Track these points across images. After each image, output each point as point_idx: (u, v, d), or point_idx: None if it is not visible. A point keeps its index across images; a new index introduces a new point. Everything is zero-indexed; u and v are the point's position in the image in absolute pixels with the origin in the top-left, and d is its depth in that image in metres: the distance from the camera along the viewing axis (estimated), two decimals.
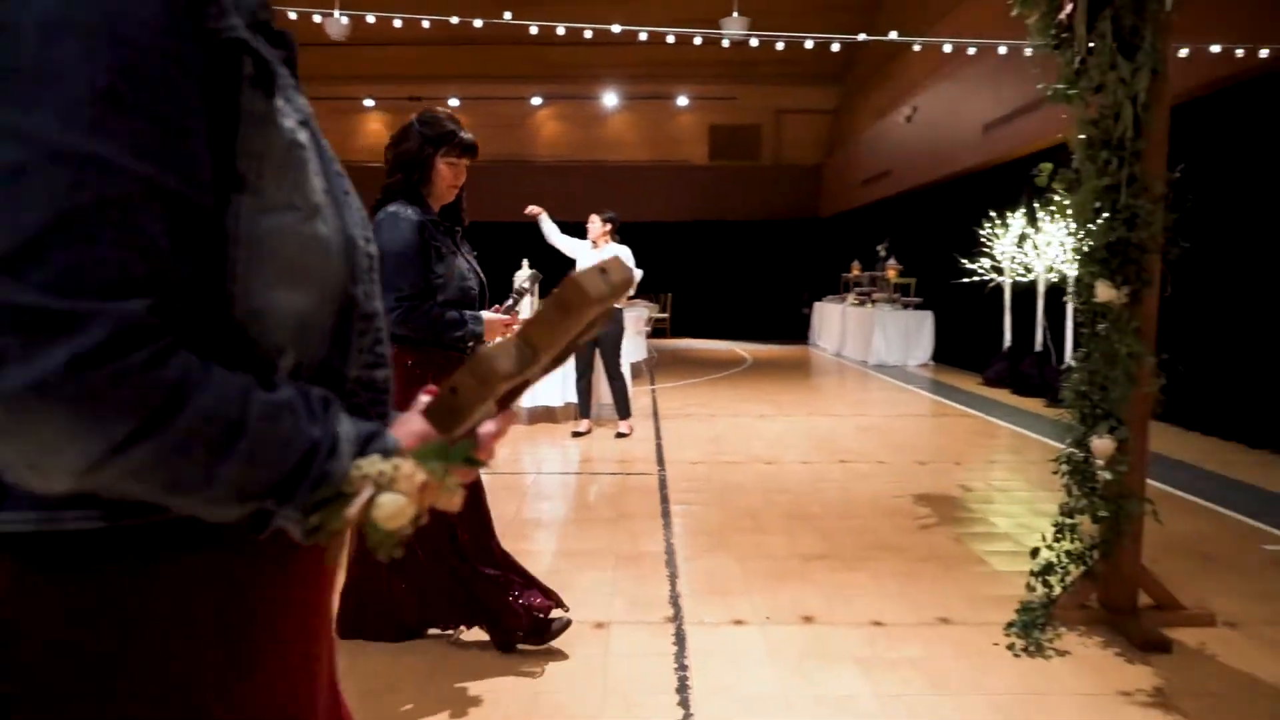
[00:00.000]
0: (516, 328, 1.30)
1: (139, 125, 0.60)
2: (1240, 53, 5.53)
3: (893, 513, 4.48)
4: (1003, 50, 5.98)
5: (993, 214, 9.86)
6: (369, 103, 17.46)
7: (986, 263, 9.77)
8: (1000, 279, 9.72)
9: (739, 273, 18.48)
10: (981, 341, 10.80)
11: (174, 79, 0.63)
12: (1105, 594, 3.05)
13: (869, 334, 12.03)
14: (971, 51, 6.06)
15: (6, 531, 0.64)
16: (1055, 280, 8.81)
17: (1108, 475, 2.94)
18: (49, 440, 0.56)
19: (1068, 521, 3.07)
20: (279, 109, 0.72)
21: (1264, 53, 5.61)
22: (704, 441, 6.37)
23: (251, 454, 0.63)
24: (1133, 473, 2.96)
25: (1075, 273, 3.02)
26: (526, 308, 2.84)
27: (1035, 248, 9.03)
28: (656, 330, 17.53)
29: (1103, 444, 2.95)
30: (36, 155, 0.56)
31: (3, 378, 0.54)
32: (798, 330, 16.52)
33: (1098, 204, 2.88)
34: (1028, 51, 5.79)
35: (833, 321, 14.09)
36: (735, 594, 3.34)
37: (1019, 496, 4.93)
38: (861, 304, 12.85)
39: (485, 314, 2.60)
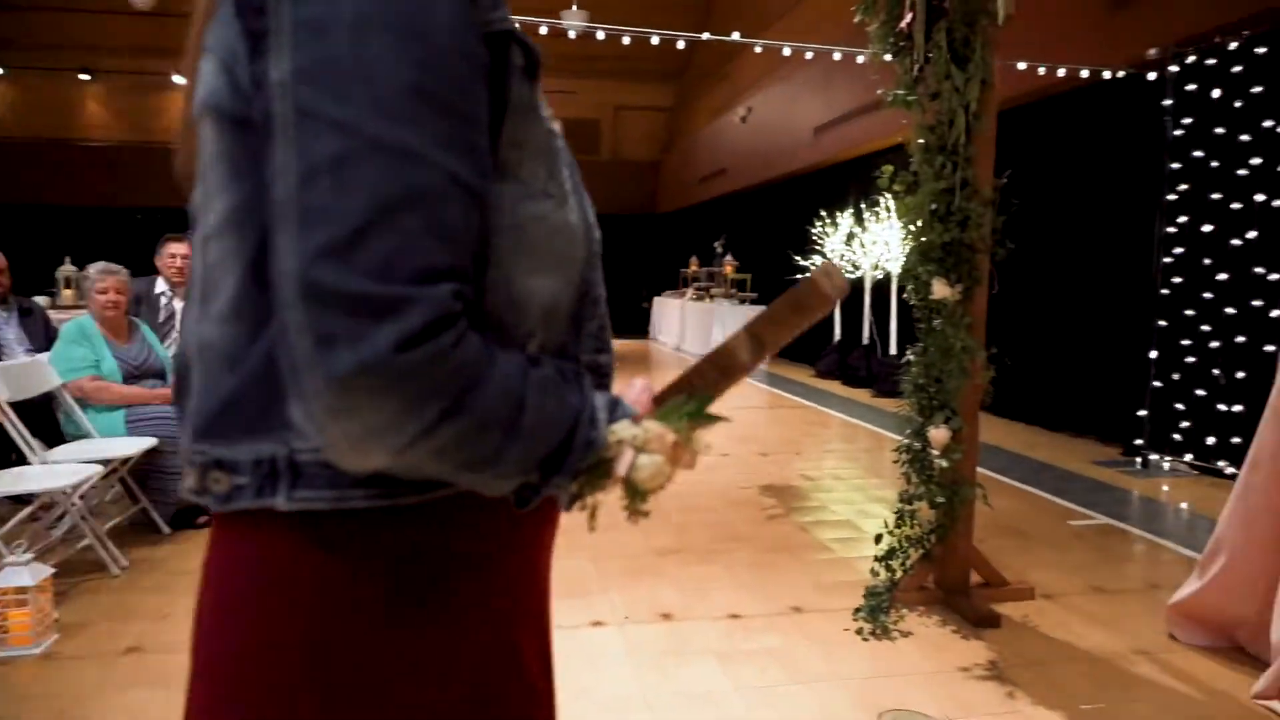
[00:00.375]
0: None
1: (441, 118, 0.61)
2: (1062, 72, 6.03)
3: (741, 504, 4.58)
4: (837, 56, 6.25)
5: (823, 213, 10.34)
6: None
7: (818, 260, 10.23)
8: None
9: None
10: (813, 335, 11.32)
11: (467, 72, 0.65)
12: (941, 575, 3.23)
13: (708, 328, 12.33)
14: (809, 56, 6.29)
15: (302, 510, 0.66)
16: (880, 277, 9.36)
17: (944, 463, 3.10)
18: (373, 420, 0.58)
19: (907, 508, 3.23)
20: (540, 98, 0.75)
21: (1085, 73, 6.16)
22: None
23: (533, 429, 0.66)
24: (966, 460, 3.15)
25: (901, 270, 3.17)
26: None
27: (862, 246, 9.54)
28: None
29: (939, 434, 3.11)
30: (356, 146, 0.58)
31: (334, 360, 0.56)
32: (638, 325, 16.72)
33: (934, 206, 3.03)
34: (859, 58, 6.08)
35: (672, 316, 14.34)
36: (593, 594, 3.29)
37: (855, 484, 5.17)
38: (700, 299, 13.15)
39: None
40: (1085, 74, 6.05)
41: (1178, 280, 5.40)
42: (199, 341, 0.70)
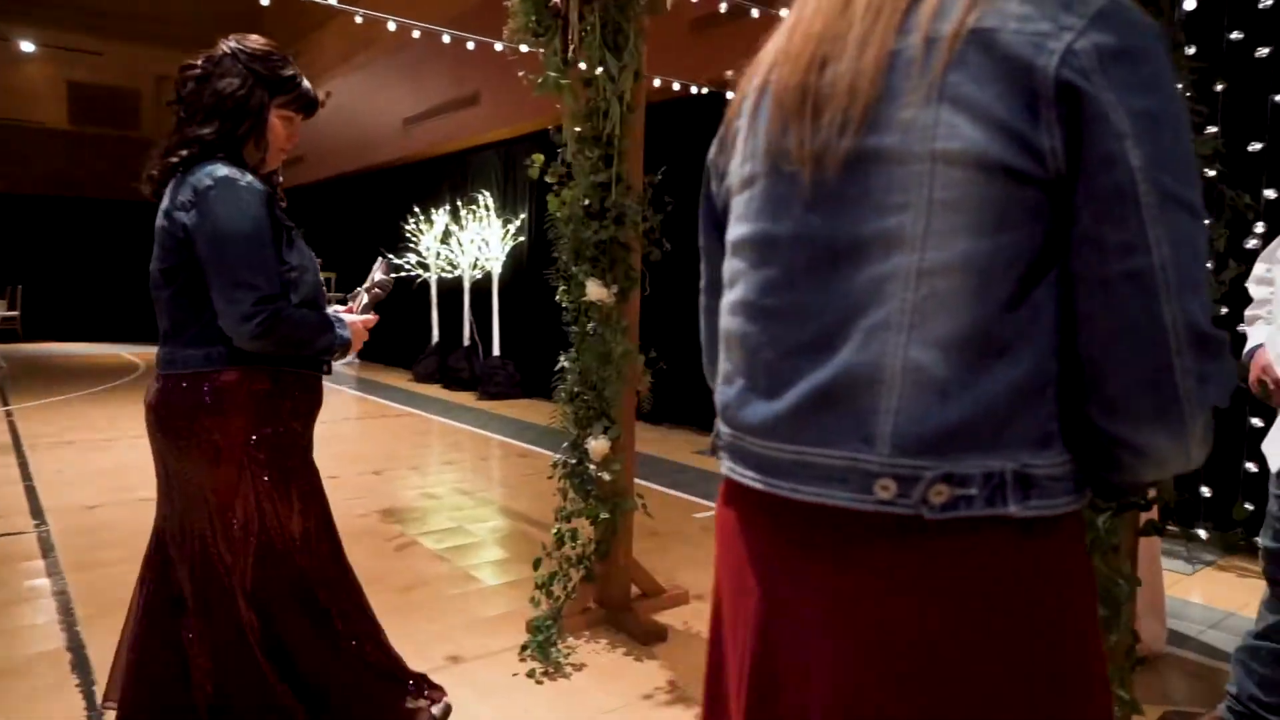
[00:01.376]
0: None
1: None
2: (676, 86, 6.27)
3: (362, 534, 4.00)
4: (446, 39, 5.84)
5: (416, 209, 9.85)
6: None
7: (413, 258, 9.71)
8: (426, 275, 9.76)
9: (112, 260, 15.51)
10: (406, 337, 10.76)
11: None
12: (602, 594, 3.05)
13: None
14: (416, 34, 5.79)
15: (1033, 516, 0.75)
16: (479, 277, 9.15)
17: (605, 475, 2.92)
18: (1202, 439, 0.74)
19: (566, 527, 2.99)
20: None
21: (703, 90, 6.45)
22: (99, 476, 5.00)
23: None
24: (624, 470, 3.00)
25: (555, 270, 2.95)
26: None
27: (459, 244, 9.25)
28: (4, 333, 13.89)
29: (599, 445, 2.92)
30: (1198, 224, 0.72)
31: (1208, 395, 0.72)
32: None
33: (587, 201, 2.83)
34: (470, 44, 5.74)
35: None
36: None
37: (484, 498, 4.86)
38: None
39: (345, 315, 2.02)
40: (703, 91, 6.39)
41: None
42: (902, 363, 0.74)
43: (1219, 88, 3.41)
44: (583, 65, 2.75)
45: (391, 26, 5.61)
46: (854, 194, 0.76)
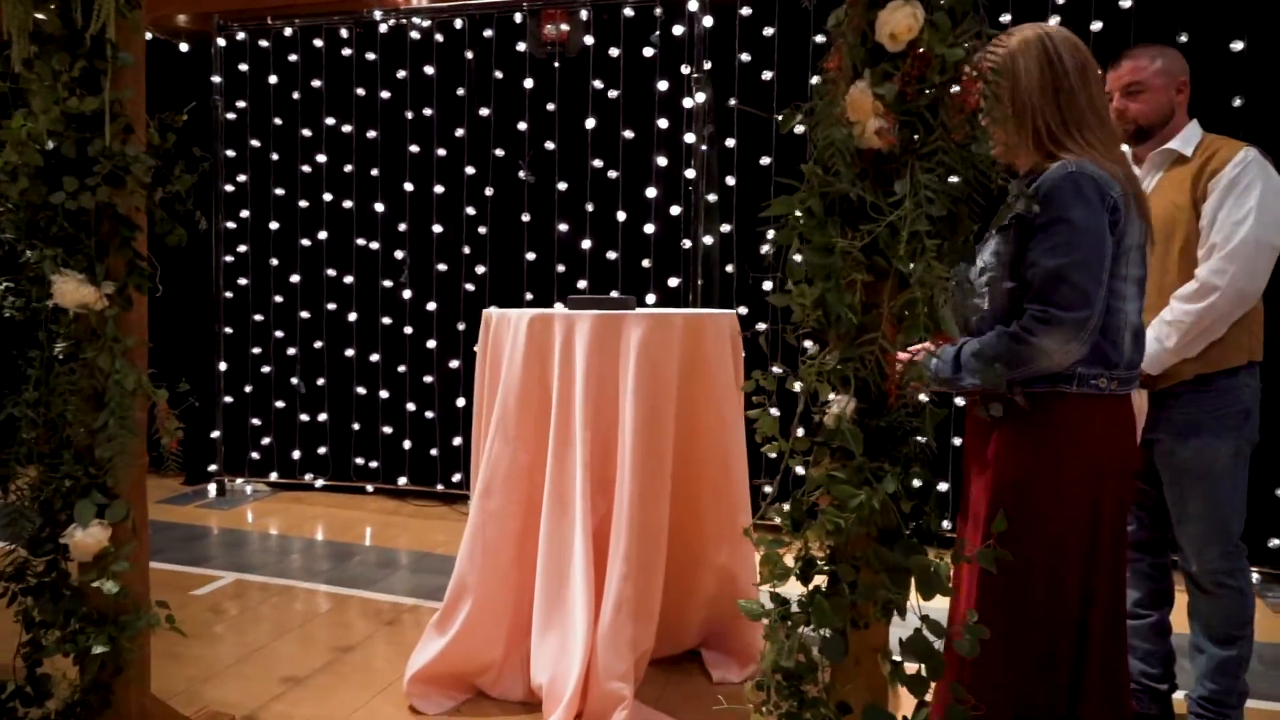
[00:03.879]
0: None
1: None
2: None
3: None
4: None
5: None
6: None
7: None
8: None
9: None
10: None
11: None
12: None
13: None
14: None
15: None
16: None
17: (109, 585, 1.83)
18: None
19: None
20: None
21: None
22: None
23: None
24: (136, 571, 1.94)
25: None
26: None
27: None
28: None
29: (88, 536, 1.83)
30: None
31: None
32: None
33: (54, 144, 1.73)
34: None
35: None
36: None
37: None
38: None
39: None
40: None
41: (243, 282, 4.84)
42: None
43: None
44: None
45: None
46: None
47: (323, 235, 4.71)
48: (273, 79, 4.71)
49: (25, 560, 1.87)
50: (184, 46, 5.00)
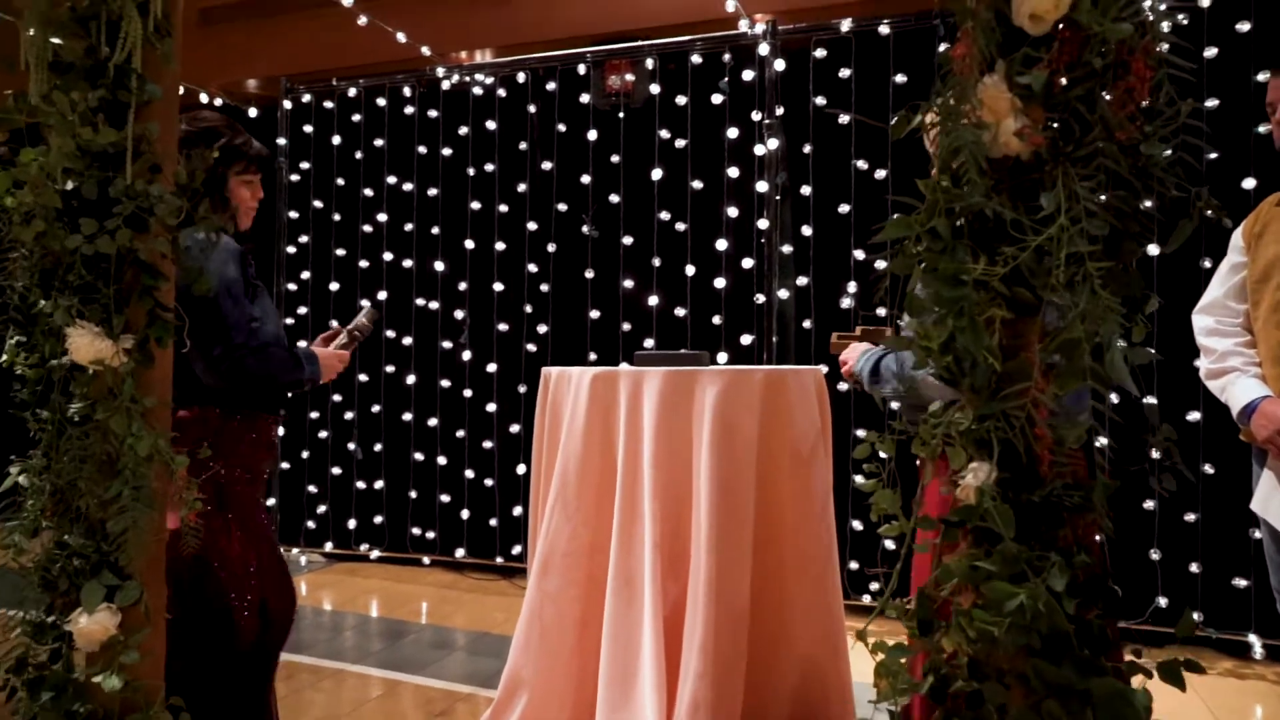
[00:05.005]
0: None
1: None
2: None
3: None
4: None
5: None
6: None
7: None
8: None
9: None
10: None
11: None
12: None
13: None
14: None
15: None
16: None
17: (113, 681, 1.61)
18: None
19: None
20: None
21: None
22: None
23: None
24: (148, 661, 1.72)
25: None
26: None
27: None
28: None
29: (94, 623, 1.62)
30: None
31: None
32: None
33: (72, 183, 1.58)
34: None
35: None
36: None
37: None
38: None
39: (317, 348, 2.12)
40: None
41: (302, 344, 4.74)
42: None
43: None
44: None
45: None
46: None
47: (382, 295, 4.60)
48: (336, 139, 4.68)
49: (27, 649, 1.66)
50: (253, 112, 5.03)
